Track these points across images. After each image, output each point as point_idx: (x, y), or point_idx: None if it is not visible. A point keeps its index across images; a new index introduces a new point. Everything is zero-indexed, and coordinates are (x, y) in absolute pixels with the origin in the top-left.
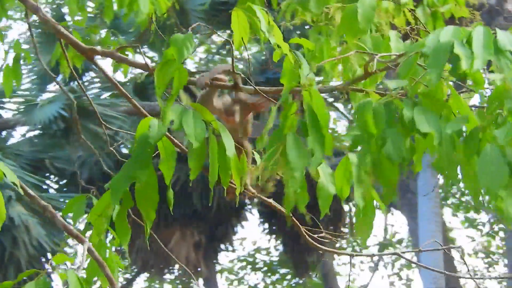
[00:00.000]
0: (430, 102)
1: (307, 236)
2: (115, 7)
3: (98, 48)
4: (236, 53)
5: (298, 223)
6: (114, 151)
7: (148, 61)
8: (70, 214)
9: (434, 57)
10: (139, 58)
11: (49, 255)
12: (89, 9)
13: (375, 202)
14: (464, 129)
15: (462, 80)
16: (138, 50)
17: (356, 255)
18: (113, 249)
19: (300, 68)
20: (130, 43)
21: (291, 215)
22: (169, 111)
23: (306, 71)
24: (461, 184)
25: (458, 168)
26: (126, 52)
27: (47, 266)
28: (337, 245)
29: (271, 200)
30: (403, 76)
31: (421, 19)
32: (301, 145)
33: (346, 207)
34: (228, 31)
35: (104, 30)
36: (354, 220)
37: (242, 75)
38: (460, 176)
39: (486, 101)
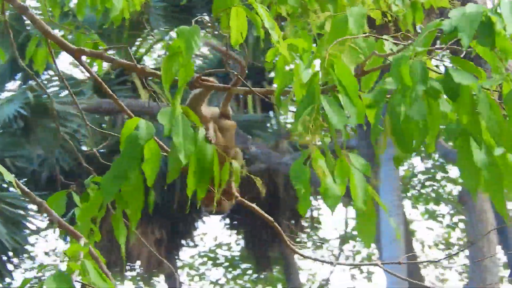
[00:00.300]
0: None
1: (289, 243)
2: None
3: (86, 49)
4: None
5: (279, 228)
6: (74, 149)
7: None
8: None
9: (464, 23)
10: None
11: (10, 254)
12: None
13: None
14: None
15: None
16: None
17: (337, 264)
18: None
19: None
20: (107, 41)
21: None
22: (178, 105)
23: (305, 73)
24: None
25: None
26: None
27: (8, 265)
28: (298, 239)
29: (254, 205)
30: (424, 45)
31: (399, 9)
32: (337, 104)
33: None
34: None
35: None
36: (316, 215)
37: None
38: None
39: None
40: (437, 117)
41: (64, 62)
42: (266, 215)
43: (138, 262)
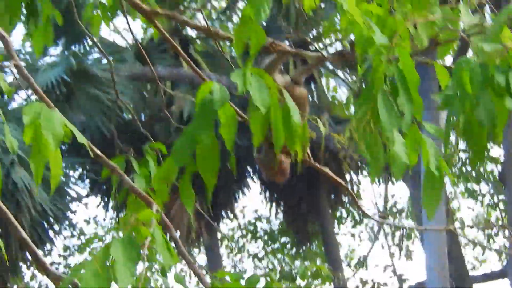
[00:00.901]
0: None
1: (360, 205)
2: None
3: (160, 10)
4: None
5: (352, 193)
6: (115, 116)
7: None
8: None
9: None
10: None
11: (51, 220)
12: None
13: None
14: None
15: None
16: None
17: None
18: None
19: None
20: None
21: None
22: (249, 71)
23: (379, 38)
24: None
25: None
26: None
27: (49, 231)
28: (337, 213)
29: (327, 170)
30: (492, 40)
31: None
32: (392, 105)
33: (347, 177)
34: None
35: None
36: (356, 190)
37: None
38: None
39: None
40: (504, 112)
41: (104, 29)
42: (336, 177)
43: (178, 233)
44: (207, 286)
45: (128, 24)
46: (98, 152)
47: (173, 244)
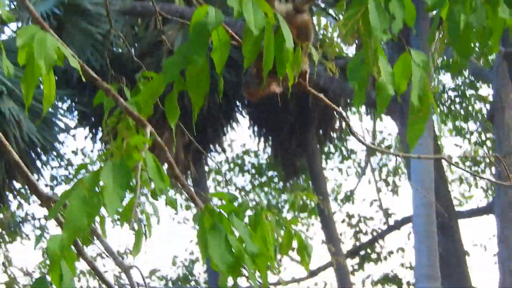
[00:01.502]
0: None
1: (353, 132)
2: None
3: None
4: None
5: (344, 116)
6: (105, 50)
7: None
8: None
9: None
10: None
11: (39, 151)
12: None
13: None
14: None
15: None
16: None
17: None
18: None
19: None
20: None
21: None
22: None
23: None
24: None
25: None
26: None
27: (37, 162)
28: (325, 149)
29: (322, 96)
30: None
31: None
32: (383, 10)
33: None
34: None
35: None
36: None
37: None
38: None
39: None
40: (499, 21)
41: None
42: (330, 103)
43: (165, 166)
44: (201, 206)
45: None
46: (93, 74)
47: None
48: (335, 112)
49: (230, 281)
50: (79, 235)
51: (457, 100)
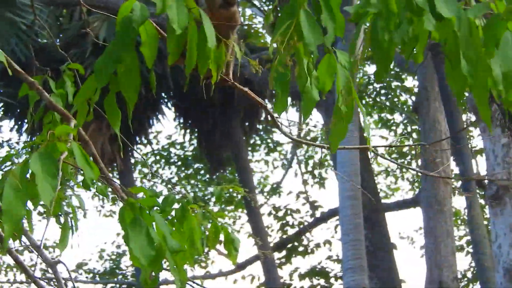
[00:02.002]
0: None
1: (280, 126)
2: None
3: None
4: None
5: (269, 111)
6: (30, 40)
7: None
8: None
9: None
10: None
11: None
12: None
13: None
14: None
15: None
16: None
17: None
18: None
19: None
20: None
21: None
22: None
23: None
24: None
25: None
26: None
27: None
28: (251, 141)
29: (247, 90)
30: None
31: None
32: (315, 22)
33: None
34: None
35: None
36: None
37: None
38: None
39: None
40: (424, 32)
41: None
42: (258, 98)
43: (90, 159)
44: (124, 198)
45: None
46: (17, 67)
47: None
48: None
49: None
50: (18, 225)
51: (383, 91)
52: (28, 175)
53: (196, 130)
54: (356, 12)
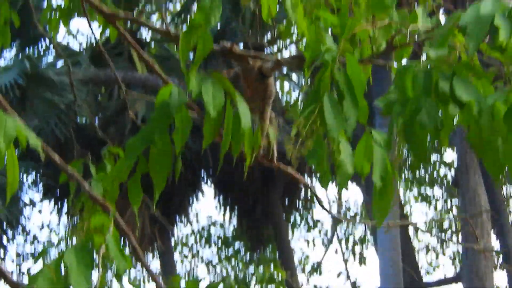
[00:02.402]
0: (468, 73)
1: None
2: None
3: (121, 13)
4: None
5: (314, 191)
6: (70, 120)
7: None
8: None
9: (473, 28)
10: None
11: (4, 226)
12: None
13: None
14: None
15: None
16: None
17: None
18: None
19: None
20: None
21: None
22: (193, 77)
23: (329, 41)
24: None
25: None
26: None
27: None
28: (291, 218)
29: (289, 169)
30: (439, 46)
31: None
32: (338, 107)
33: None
34: None
35: None
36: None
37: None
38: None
39: None
40: (449, 118)
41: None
42: (295, 175)
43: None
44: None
45: (90, 26)
46: (55, 157)
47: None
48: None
49: None
50: None
51: (421, 165)
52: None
53: (236, 208)
54: (387, 104)
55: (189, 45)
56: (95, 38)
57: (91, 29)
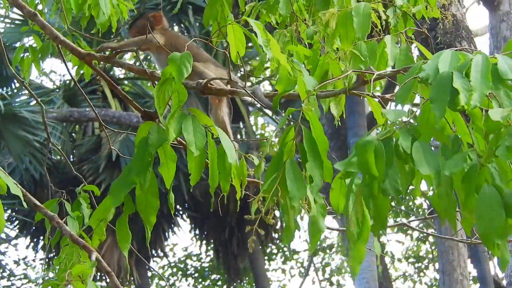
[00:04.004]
0: (429, 131)
1: None
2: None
3: (96, 53)
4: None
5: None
6: (44, 158)
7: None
8: None
9: (437, 91)
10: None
11: None
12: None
13: None
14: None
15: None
16: (135, 55)
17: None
18: None
19: (300, 75)
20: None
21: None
22: (172, 128)
23: (309, 80)
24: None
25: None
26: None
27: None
28: (268, 250)
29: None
30: (402, 101)
31: (391, 21)
32: (300, 173)
33: (277, 213)
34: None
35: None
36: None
37: (239, 82)
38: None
39: (484, 136)
40: (408, 176)
41: (34, 71)
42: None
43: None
44: None
45: (66, 66)
46: (36, 201)
47: None
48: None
49: None
50: None
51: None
52: None
53: (212, 240)
54: (345, 170)
55: (164, 99)
56: (71, 77)
57: (67, 69)
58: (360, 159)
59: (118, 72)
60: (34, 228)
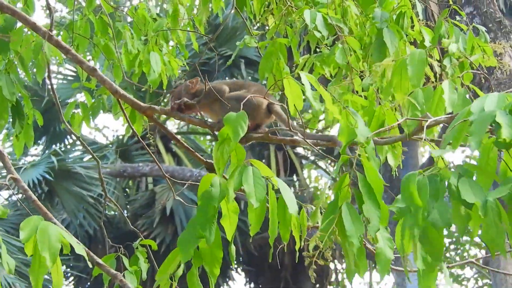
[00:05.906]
0: (480, 172)
1: None
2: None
3: (157, 107)
4: None
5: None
6: (98, 213)
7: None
8: None
9: (477, 125)
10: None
11: None
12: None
13: None
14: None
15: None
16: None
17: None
18: None
19: (356, 125)
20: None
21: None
22: (232, 188)
23: (362, 129)
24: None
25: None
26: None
27: None
28: None
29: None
30: (453, 145)
31: (448, 70)
32: (357, 214)
33: (331, 265)
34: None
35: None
36: (339, 277)
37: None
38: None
39: None
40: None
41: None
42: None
43: None
44: None
45: (129, 122)
46: (98, 260)
47: None
48: (330, 265)
49: None
50: None
51: (452, 247)
52: None
53: None
54: (398, 211)
55: (223, 159)
56: (133, 131)
57: (129, 124)
58: (404, 191)
59: (170, 127)
60: (89, 284)
